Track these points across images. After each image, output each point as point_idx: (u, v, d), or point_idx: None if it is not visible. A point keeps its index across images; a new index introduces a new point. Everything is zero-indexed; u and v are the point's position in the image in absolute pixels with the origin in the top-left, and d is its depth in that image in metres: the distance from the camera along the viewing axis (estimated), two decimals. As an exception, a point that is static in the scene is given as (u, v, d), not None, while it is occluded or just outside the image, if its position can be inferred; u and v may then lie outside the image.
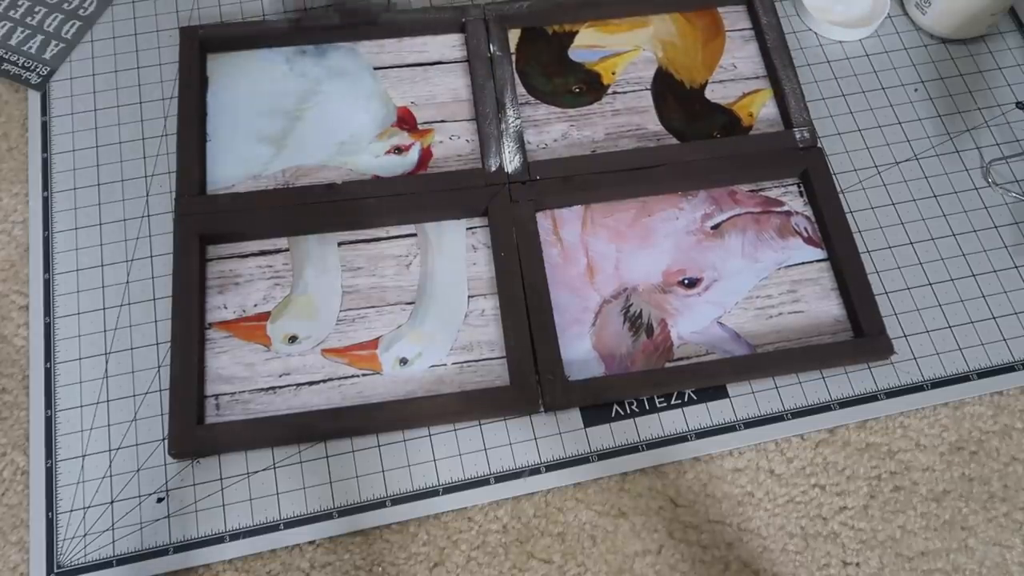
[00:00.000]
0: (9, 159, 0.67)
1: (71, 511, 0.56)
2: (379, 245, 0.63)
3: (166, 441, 0.57)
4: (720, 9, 0.73)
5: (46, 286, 0.62)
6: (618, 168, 0.65)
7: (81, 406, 0.58)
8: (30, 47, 0.69)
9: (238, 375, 0.59)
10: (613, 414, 0.59)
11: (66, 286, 0.62)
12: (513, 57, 0.70)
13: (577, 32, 0.71)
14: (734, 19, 0.73)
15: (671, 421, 0.59)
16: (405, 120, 0.67)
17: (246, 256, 0.62)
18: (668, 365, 0.60)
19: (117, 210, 0.64)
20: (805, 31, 0.73)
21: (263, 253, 0.63)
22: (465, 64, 0.70)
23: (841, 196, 0.66)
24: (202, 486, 0.56)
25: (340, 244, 0.63)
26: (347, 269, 0.62)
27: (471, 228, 0.64)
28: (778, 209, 0.66)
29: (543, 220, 0.64)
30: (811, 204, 0.65)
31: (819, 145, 0.66)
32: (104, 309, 0.61)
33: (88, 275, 0.62)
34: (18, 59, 0.69)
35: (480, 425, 0.59)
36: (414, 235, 0.64)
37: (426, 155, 0.66)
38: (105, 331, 0.60)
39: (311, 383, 0.59)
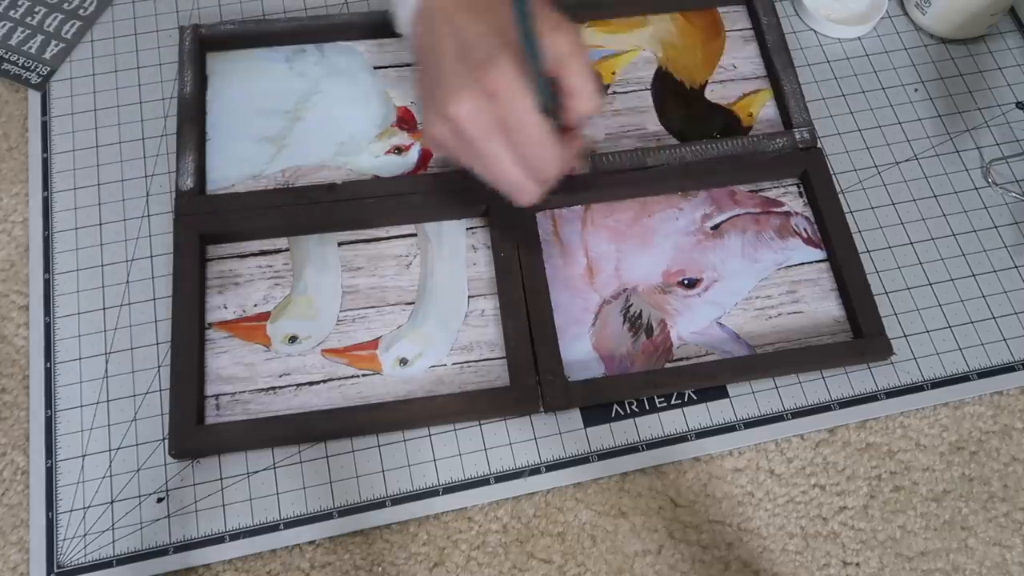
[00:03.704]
0: (9, 159, 0.67)
1: (71, 511, 0.56)
2: (379, 245, 0.63)
3: (166, 441, 0.57)
4: (720, 9, 0.73)
5: (46, 286, 0.62)
6: (618, 168, 0.65)
7: (81, 406, 0.58)
8: (30, 47, 0.69)
9: (238, 375, 0.59)
10: (613, 414, 0.59)
11: (66, 286, 0.62)
12: (513, 57, 0.70)
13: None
14: (734, 19, 0.73)
15: (671, 421, 0.59)
16: (405, 120, 0.67)
17: (246, 256, 0.62)
18: (668, 365, 0.60)
19: (117, 210, 0.64)
20: (805, 31, 0.73)
21: (263, 253, 0.63)
22: (465, 64, 0.69)
23: (841, 196, 0.66)
24: (202, 486, 0.56)
25: (340, 244, 0.63)
26: (347, 269, 0.62)
27: (471, 228, 0.64)
28: (778, 209, 0.66)
29: (543, 220, 0.64)
30: (811, 204, 0.65)
31: (819, 145, 0.66)
32: (104, 309, 0.61)
33: (88, 275, 0.62)
34: (18, 59, 0.69)
35: (480, 425, 0.59)
36: (414, 235, 0.64)
37: (426, 155, 0.66)
38: (105, 331, 0.60)
39: (311, 383, 0.59)
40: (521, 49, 0.48)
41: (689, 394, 0.60)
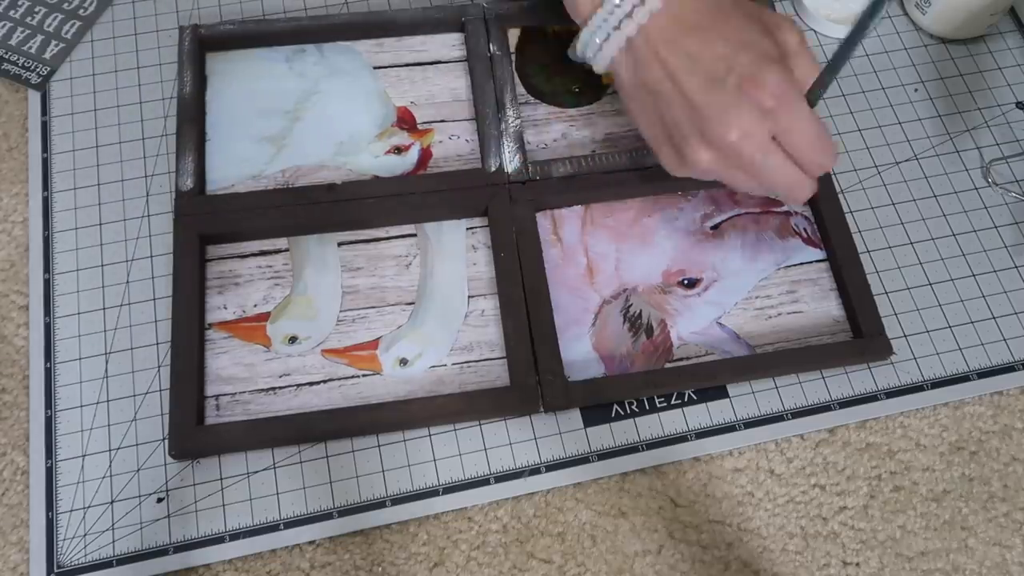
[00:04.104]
0: (9, 159, 0.67)
1: (71, 511, 0.56)
2: (379, 245, 0.63)
3: (166, 441, 0.57)
4: (720, 9, 0.73)
5: (46, 286, 0.62)
6: (618, 168, 0.65)
7: (81, 406, 0.58)
8: (30, 47, 0.69)
9: (238, 376, 0.59)
10: (613, 414, 0.59)
11: (66, 286, 0.62)
12: (513, 57, 0.70)
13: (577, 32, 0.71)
14: (734, 19, 0.72)
15: (671, 421, 0.59)
16: (405, 120, 0.67)
17: (246, 256, 0.62)
18: (668, 365, 0.60)
19: (117, 210, 0.64)
20: (805, 31, 0.73)
21: (263, 253, 0.63)
22: (464, 64, 0.70)
23: (841, 196, 0.66)
24: (202, 486, 0.56)
25: (340, 244, 0.63)
26: (347, 269, 0.62)
27: (471, 228, 0.64)
28: (777, 209, 0.66)
29: (543, 220, 0.64)
30: (811, 204, 0.65)
31: (819, 145, 0.66)
32: (104, 309, 0.61)
33: (88, 275, 0.62)
34: (18, 59, 0.69)
35: (480, 425, 0.59)
36: (414, 235, 0.64)
37: (426, 155, 0.66)
38: (105, 331, 0.60)
39: (311, 384, 0.59)
40: (818, 57, 0.51)
41: (689, 394, 0.60)
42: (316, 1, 0.73)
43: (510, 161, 0.64)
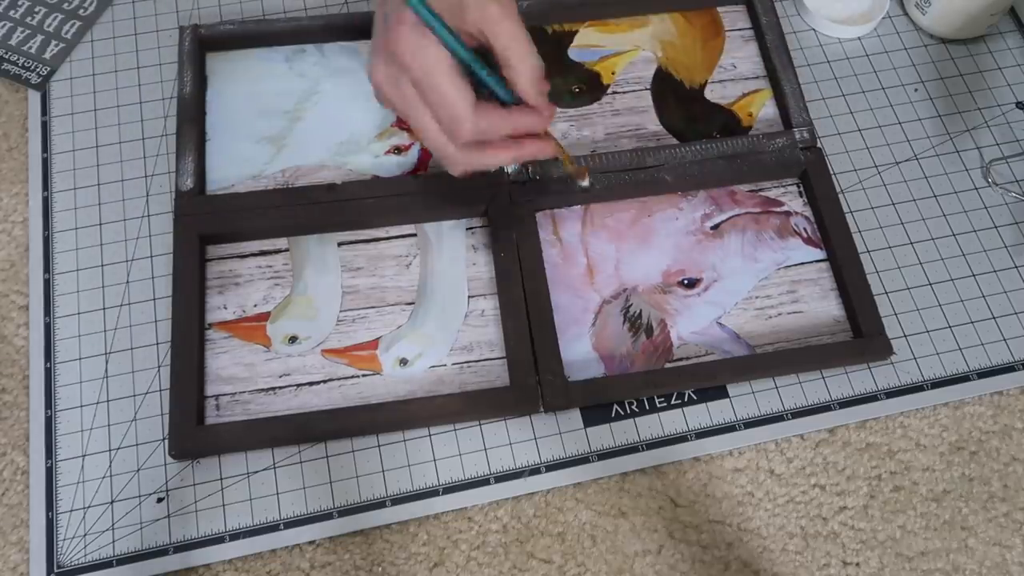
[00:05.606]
0: (9, 159, 0.67)
1: (71, 511, 0.56)
2: (379, 245, 0.63)
3: (166, 441, 0.57)
4: (720, 9, 0.73)
5: (46, 286, 0.62)
6: (618, 168, 0.65)
7: (81, 406, 0.58)
8: (30, 47, 0.69)
9: (238, 376, 0.59)
10: (613, 414, 0.59)
11: (66, 286, 0.62)
12: (513, 57, 0.70)
13: (577, 32, 0.71)
14: (734, 19, 0.73)
15: (671, 421, 0.59)
16: (405, 120, 0.67)
17: (246, 256, 0.62)
18: (668, 365, 0.60)
19: (117, 210, 0.64)
20: (805, 31, 0.73)
21: (263, 253, 0.63)
22: (465, 64, 0.70)
23: (841, 196, 0.66)
24: (202, 486, 0.56)
25: (340, 244, 0.63)
26: (347, 269, 0.62)
27: (471, 228, 0.64)
28: (778, 209, 0.66)
29: (543, 220, 0.64)
30: (811, 204, 0.65)
31: (819, 145, 0.66)
32: (104, 309, 0.61)
33: (88, 275, 0.62)
34: (18, 59, 0.69)
35: (480, 425, 0.59)
36: (414, 235, 0.64)
37: (426, 155, 0.66)
38: (105, 331, 0.60)
39: (311, 383, 0.59)
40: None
41: (689, 394, 0.60)
42: (316, 1, 0.73)
43: (510, 161, 0.64)
